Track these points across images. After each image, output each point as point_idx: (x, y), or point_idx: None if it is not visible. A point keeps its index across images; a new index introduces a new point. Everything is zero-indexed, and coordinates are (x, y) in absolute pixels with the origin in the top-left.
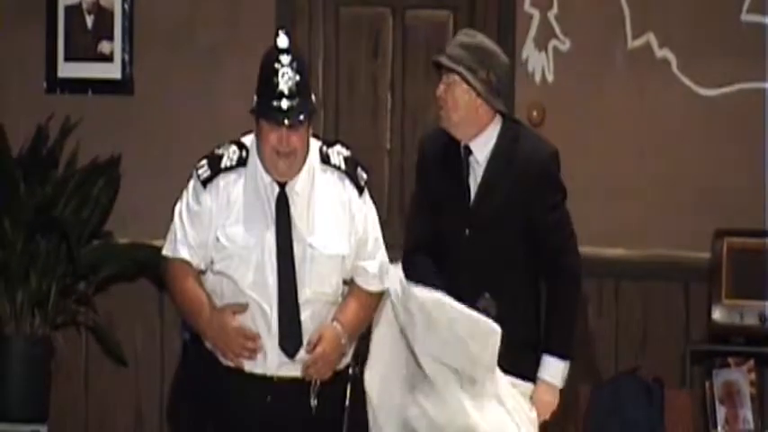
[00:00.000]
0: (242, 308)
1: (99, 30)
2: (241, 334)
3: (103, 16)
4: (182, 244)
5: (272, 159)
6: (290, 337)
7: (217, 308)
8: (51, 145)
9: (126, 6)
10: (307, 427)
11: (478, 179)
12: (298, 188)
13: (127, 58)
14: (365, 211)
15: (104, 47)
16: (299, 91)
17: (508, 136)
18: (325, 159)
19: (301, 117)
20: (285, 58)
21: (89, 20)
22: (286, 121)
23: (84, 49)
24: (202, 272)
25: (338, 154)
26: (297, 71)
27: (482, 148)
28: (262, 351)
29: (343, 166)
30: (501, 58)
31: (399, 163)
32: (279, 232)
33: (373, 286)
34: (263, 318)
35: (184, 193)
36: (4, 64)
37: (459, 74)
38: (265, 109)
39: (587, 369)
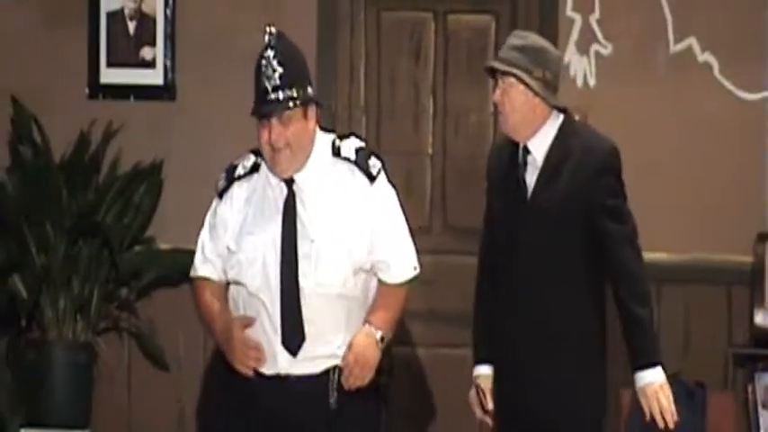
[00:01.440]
0: (250, 320)
1: (141, 36)
2: (245, 344)
3: (145, 22)
4: (200, 262)
5: (270, 156)
6: (292, 335)
7: (227, 320)
8: (93, 150)
9: (168, 12)
10: (331, 423)
11: (535, 175)
12: (305, 185)
13: (169, 63)
14: (378, 200)
15: (146, 53)
16: (283, 84)
17: (566, 132)
18: (336, 152)
19: (281, 108)
20: (269, 53)
21: (131, 26)
22: (271, 116)
23: (126, 55)
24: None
25: (350, 146)
26: (280, 63)
27: (540, 146)
28: (271, 354)
29: (353, 158)
30: (554, 53)
31: (441, 168)
32: (284, 230)
33: (397, 278)
34: (270, 319)
35: (209, 211)
36: (46, 70)
37: (516, 76)
38: (255, 108)
39: (630, 373)
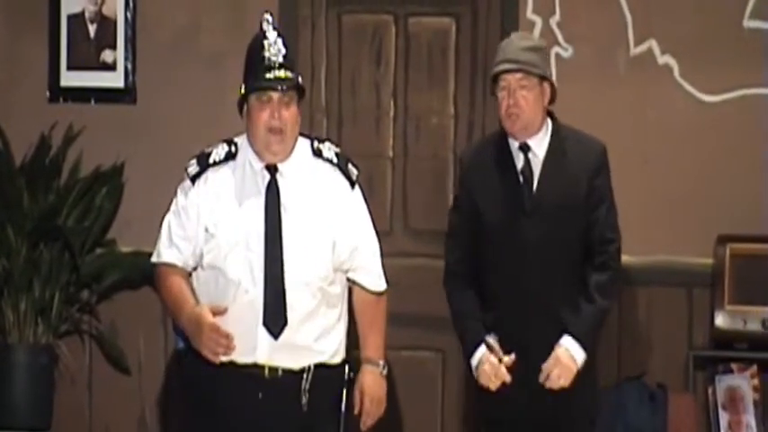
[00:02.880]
0: (221, 308)
1: (102, 38)
2: (215, 331)
3: (106, 25)
4: (166, 247)
5: (265, 139)
6: (275, 317)
7: (196, 306)
8: (54, 154)
9: (129, 15)
10: (301, 425)
11: (537, 171)
12: (288, 173)
13: (129, 66)
14: (357, 206)
15: (107, 55)
16: (288, 64)
17: (561, 133)
18: (317, 153)
19: (288, 83)
20: (271, 34)
21: (92, 29)
22: (280, 88)
23: (86, 58)
24: (192, 271)
25: (330, 149)
26: (284, 45)
27: (540, 142)
28: (251, 341)
29: (335, 160)
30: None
31: (402, 170)
32: (267, 216)
33: (380, 285)
34: (251, 304)
35: (174, 199)
36: (7, 73)
37: (544, 77)
38: (256, 83)
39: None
